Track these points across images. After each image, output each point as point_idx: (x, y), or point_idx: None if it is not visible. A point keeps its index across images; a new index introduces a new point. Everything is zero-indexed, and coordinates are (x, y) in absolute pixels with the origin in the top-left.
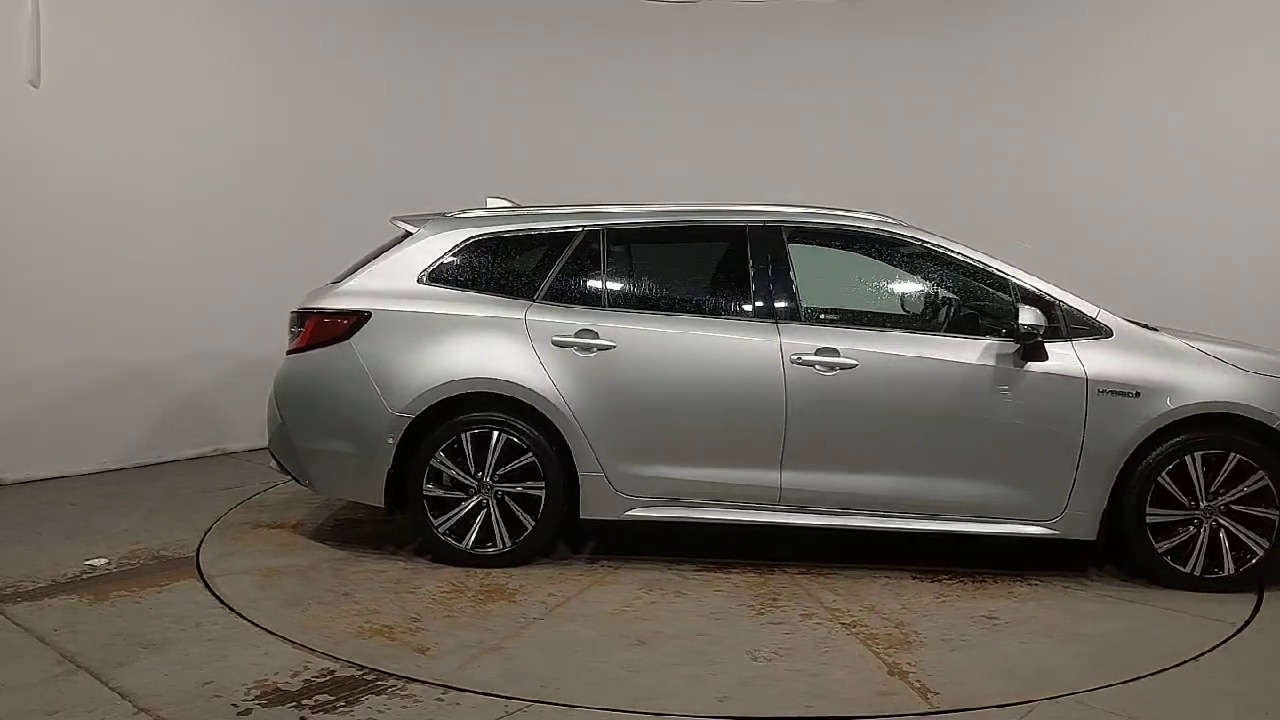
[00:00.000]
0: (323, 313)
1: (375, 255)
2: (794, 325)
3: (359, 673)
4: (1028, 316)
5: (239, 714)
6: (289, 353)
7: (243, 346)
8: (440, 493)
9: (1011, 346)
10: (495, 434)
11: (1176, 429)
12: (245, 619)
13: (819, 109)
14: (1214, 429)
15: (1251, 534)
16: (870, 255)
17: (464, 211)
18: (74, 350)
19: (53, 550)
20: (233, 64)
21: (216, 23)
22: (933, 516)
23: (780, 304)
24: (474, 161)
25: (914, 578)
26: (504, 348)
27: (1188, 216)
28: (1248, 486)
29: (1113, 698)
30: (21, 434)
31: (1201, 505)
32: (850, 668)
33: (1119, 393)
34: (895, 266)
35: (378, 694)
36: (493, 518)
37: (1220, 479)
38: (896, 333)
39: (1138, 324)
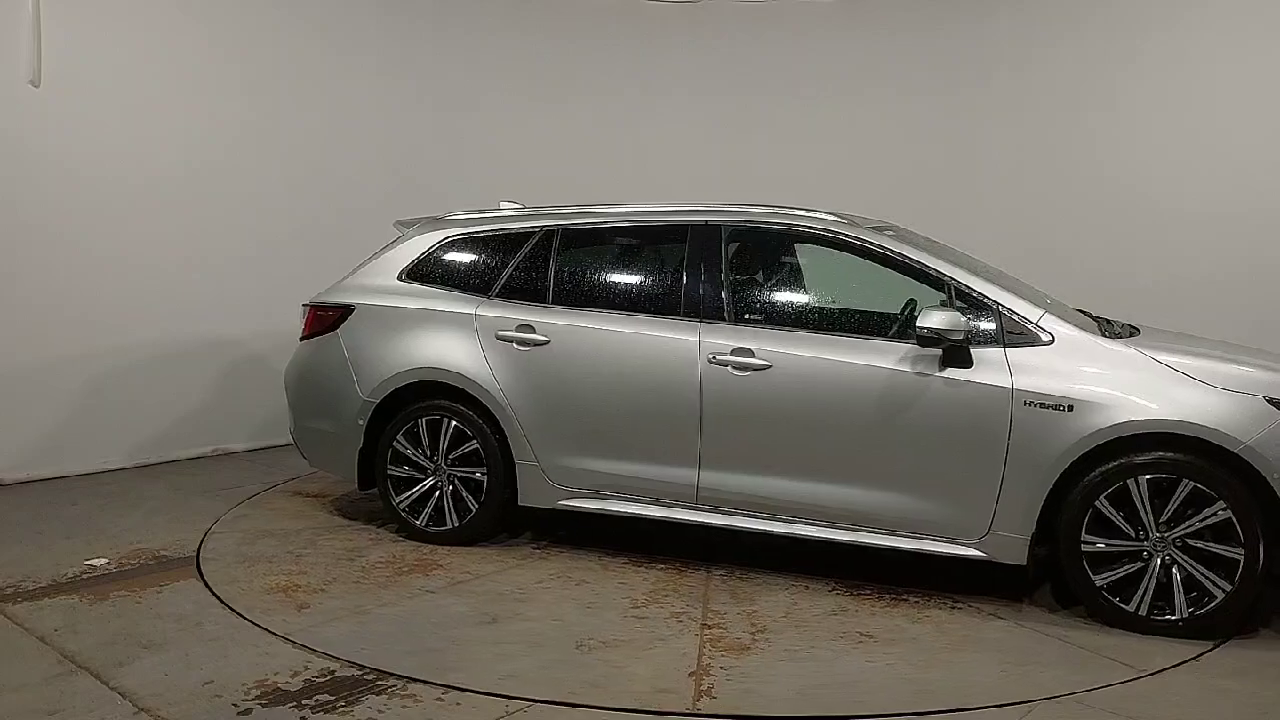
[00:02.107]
0: (318, 305)
1: (373, 255)
2: (717, 325)
3: (359, 672)
4: (930, 320)
5: (239, 714)
6: (300, 340)
7: (243, 347)
8: (402, 473)
9: (934, 351)
10: (445, 421)
11: (1119, 448)
12: (242, 617)
13: (819, 109)
14: (1166, 450)
15: (1210, 574)
16: (814, 256)
17: (457, 214)
18: (74, 350)
19: (53, 550)
20: (234, 64)
21: (217, 22)
22: (853, 527)
23: (707, 303)
24: (478, 164)
25: (832, 590)
26: (455, 341)
27: (1190, 216)
28: (1207, 519)
29: (1112, 697)
30: (22, 434)
31: (1151, 537)
32: (659, 665)
33: (1047, 405)
34: (836, 268)
35: (378, 694)
36: (444, 499)
37: (1172, 508)
38: (818, 335)
39: (1116, 329)
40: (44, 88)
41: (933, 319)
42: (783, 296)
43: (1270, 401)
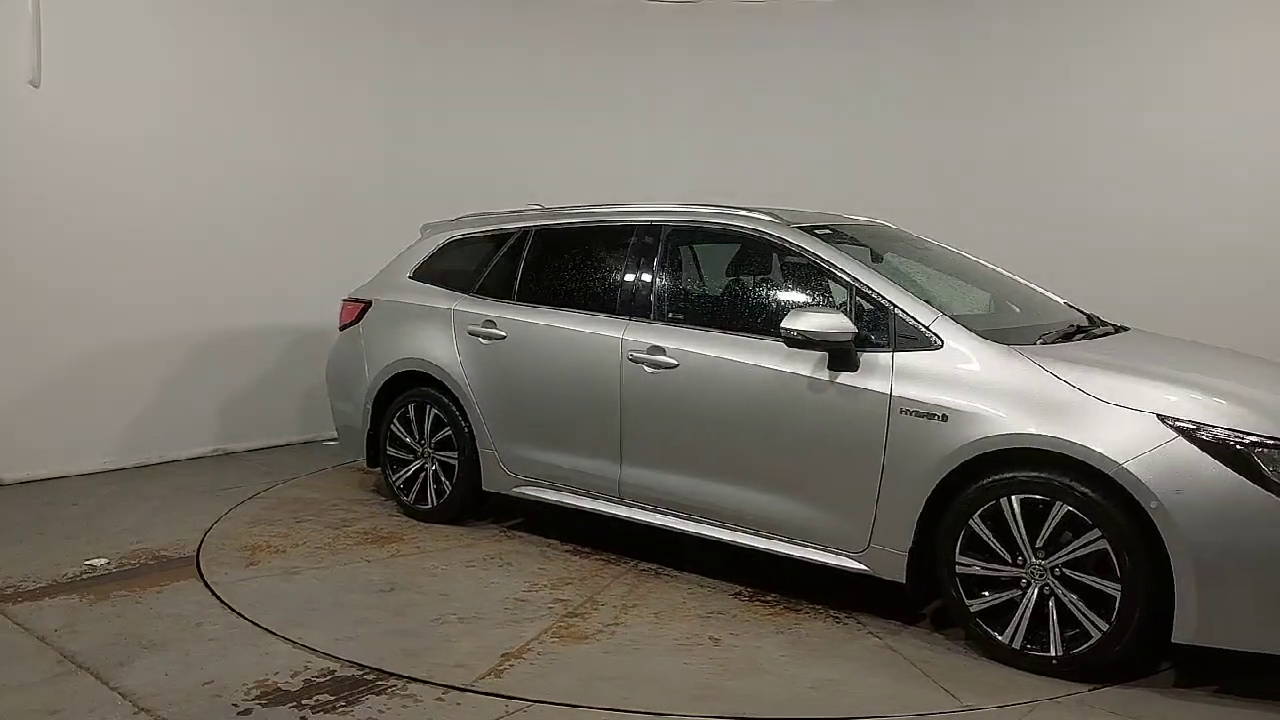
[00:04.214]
0: (349, 300)
1: (397, 256)
2: (641, 323)
3: (359, 672)
4: (794, 321)
5: (239, 714)
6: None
7: (245, 347)
8: (397, 453)
9: (821, 354)
10: (427, 408)
11: (994, 464)
12: (242, 616)
13: (820, 108)
14: (1041, 468)
15: (1087, 610)
16: (743, 257)
17: (468, 217)
18: (74, 350)
19: (53, 550)
20: (235, 63)
21: (218, 21)
22: (749, 531)
23: (639, 301)
24: (482, 167)
25: (735, 594)
26: (436, 334)
27: (1188, 218)
28: (1081, 548)
29: (1114, 698)
30: (22, 434)
31: (1028, 563)
32: (485, 643)
33: (923, 414)
34: (760, 268)
35: (378, 694)
36: (427, 479)
37: (1046, 533)
38: (728, 334)
39: (1102, 328)
40: (44, 88)
41: (797, 321)
42: (706, 296)
43: (1163, 419)
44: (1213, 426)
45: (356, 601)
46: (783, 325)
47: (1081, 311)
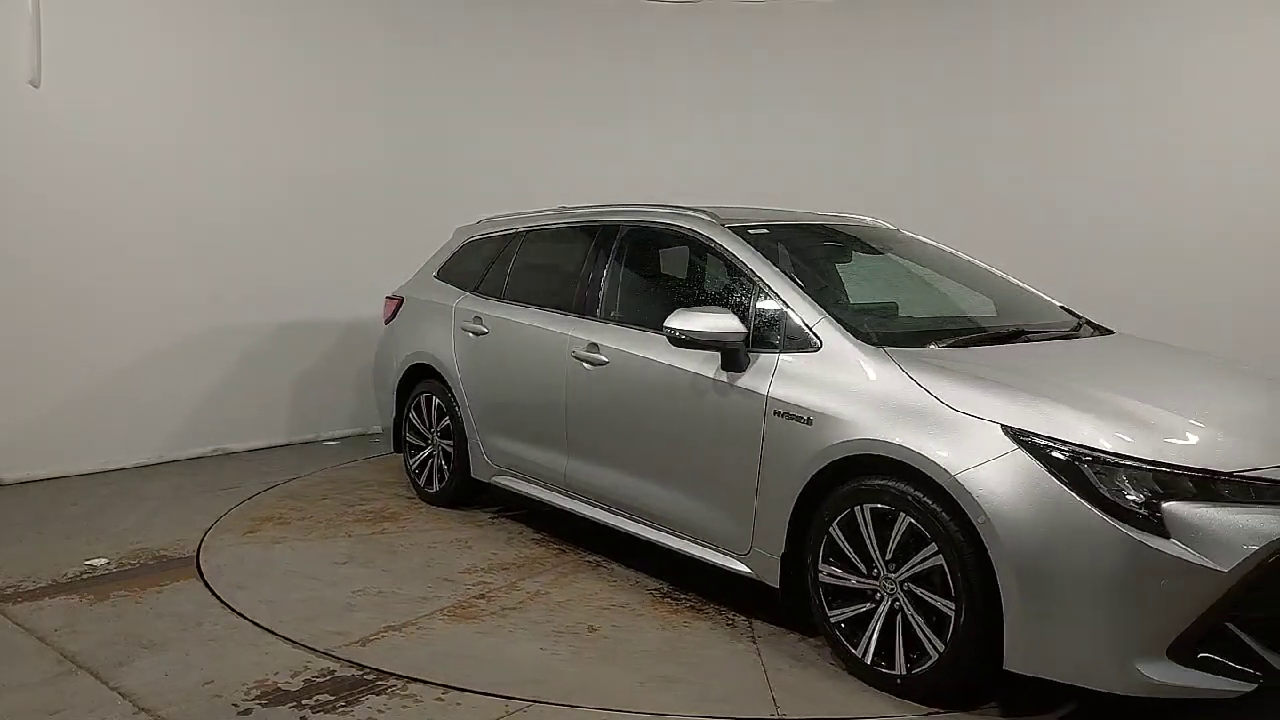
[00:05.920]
0: (389, 297)
1: (433, 256)
2: (589, 321)
3: (359, 672)
4: (677, 320)
5: (239, 714)
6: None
7: (244, 347)
8: (414, 440)
9: (714, 354)
10: (432, 398)
11: (853, 470)
12: (243, 616)
13: (819, 109)
14: (892, 477)
15: (927, 629)
16: (681, 256)
17: (495, 218)
18: (74, 351)
19: (53, 550)
20: (235, 63)
21: (218, 21)
22: (669, 530)
23: (589, 299)
24: (477, 168)
25: (654, 589)
26: (440, 330)
27: (1187, 218)
28: (921, 562)
29: (1117, 699)
30: (21, 434)
31: (881, 576)
32: (378, 616)
33: (792, 416)
34: (694, 268)
35: (378, 694)
36: (434, 466)
37: (893, 545)
38: (657, 334)
39: (1032, 331)
40: (44, 88)
41: (683, 320)
42: (644, 295)
43: (1007, 430)
44: (1059, 440)
45: (307, 570)
46: (665, 324)
47: (1073, 314)
